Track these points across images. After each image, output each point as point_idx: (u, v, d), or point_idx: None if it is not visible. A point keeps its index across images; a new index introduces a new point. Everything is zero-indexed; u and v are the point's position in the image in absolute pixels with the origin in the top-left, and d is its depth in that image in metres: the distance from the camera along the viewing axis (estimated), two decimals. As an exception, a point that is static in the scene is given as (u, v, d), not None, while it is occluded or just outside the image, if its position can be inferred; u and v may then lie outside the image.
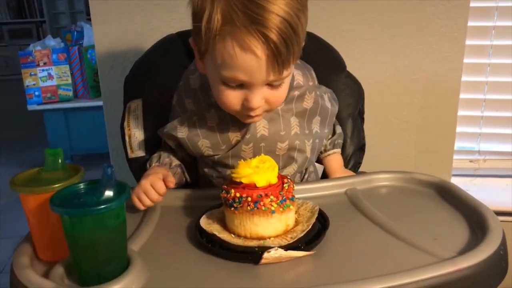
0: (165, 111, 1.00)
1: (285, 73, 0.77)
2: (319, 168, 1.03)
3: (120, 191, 0.65)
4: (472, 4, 1.41)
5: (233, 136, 0.90)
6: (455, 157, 1.54)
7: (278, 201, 0.71)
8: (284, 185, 0.74)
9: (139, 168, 1.03)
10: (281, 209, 0.72)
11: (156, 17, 1.33)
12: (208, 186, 0.98)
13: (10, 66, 6.50)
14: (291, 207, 0.74)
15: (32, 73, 3.10)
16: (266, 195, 0.71)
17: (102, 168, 0.65)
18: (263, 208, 0.71)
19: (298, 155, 0.94)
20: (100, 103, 3.07)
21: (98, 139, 3.05)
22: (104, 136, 1.54)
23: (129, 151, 1.04)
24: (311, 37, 0.93)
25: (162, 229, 0.82)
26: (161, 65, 1.10)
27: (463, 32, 1.39)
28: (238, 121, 0.88)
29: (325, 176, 1.04)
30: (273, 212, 0.71)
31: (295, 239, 0.71)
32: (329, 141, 1.05)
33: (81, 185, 0.68)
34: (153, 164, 0.97)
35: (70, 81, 3.16)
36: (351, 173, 1.04)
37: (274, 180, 0.73)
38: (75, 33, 3.23)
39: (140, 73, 1.10)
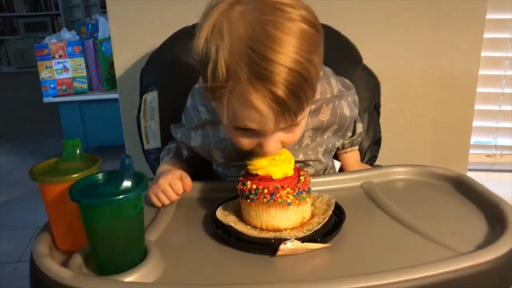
0: (180, 103, 1.01)
1: (299, 118, 0.71)
2: (337, 164, 1.03)
3: (138, 182, 0.65)
4: (490, -3, 1.39)
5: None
6: (471, 151, 1.52)
7: (295, 193, 0.71)
8: (301, 177, 0.74)
9: (155, 160, 1.03)
10: (297, 201, 0.72)
11: (171, 10, 1.33)
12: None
13: (26, 58, 6.56)
14: (307, 199, 0.74)
15: (48, 66, 3.12)
16: (283, 187, 0.71)
17: (116, 160, 0.66)
18: (279, 200, 0.71)
19: (314, 163, 0.94)
20: (114, 95, 3.11)
21: (112, 131, 3.08)
22: (118, 128, 1.55)
23: (145, 142, 1.04)
24: (326, 30, 0.92)
25: (179, 220, 0.82)
26: (177, 57, 1.10)
27: (481, 25, 1.37)
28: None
29: (342, 171, 1.03)
30: (289, 204, 0.71)
31: (312, 231, 0.71)
32: (349, 140, 1.04)
33: (99, 176, 0.68)
34: (167, 156, 0.97)
35: (85, 73, 3.17)
36: (367, 166, 1.04)
37: (290, 172, 0.73)
38: (90, 26, 3.24)
39: (156, 65, 1.10)
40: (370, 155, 1.11)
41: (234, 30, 0.65)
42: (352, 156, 1.04)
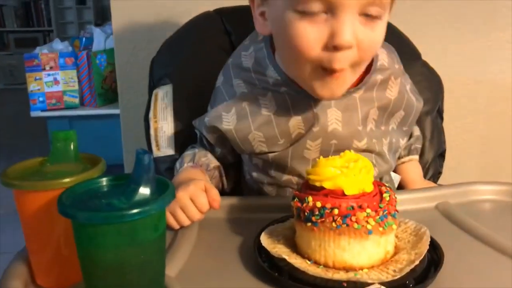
0: (200, 99, 0.82)
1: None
2: (395, 178, 0.82)
3: (161, 190, 0.44)
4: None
5: (295, 128, 0.70)
6: (522, 171, 1.34)
7: (378, 217, 0.51)
8: (384, 194, 0.53)
9: (166, 170, 0.83)
10: (381, 228, 0.51)
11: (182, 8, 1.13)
12: (256, 195, 0.78)
13: (15, 75, 6.35)
14: (394, 226, 0.53)
15: (37, 78, 2.94)
16: (361, 207, 0.50)
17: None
18: (355, 225, 0.50)
19: (376, 158, 0.74)
20: (107, 111, 2.93)
21: (104, 149, 2.87)
22: (111, 146, 1.35)
23: (154, 148, 0.84)
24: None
25: (204, 248, 0.61)
26: (196, 45, 0.91)
27: (540, 29, 1.20)
28: (301, 108, 0.69)
29: (401, 189, 0.83)
30: (369, 232, 0.50)
31: (402, 274, 0.49)
32: (404, 145, 0.84)
33: (104, 180, 0.47)
34: (186, 164, 0.76)
35: (77, 87, 3.00)
36: (433, 184, 0.84)
37: (369, 187, 0.53)
38: (84, 39, 3.07)
39: (171, 54, 0.90)
40: (434, 170, 0.91)
41: None
42: (413, 169, 0.84)
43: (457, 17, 1.20)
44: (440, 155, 0.94)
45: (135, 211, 0.40)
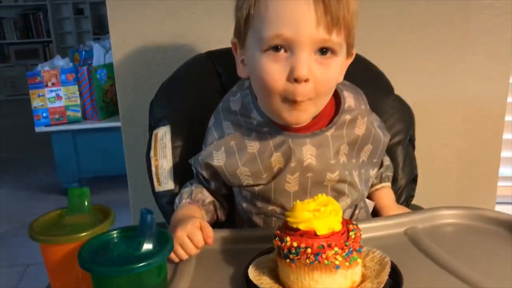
0: (195, 138, 0.91)
1: (334, 35, 0.70)
2: (370, 204, 0.92)
3: (162, 243, 0.54)
4: (518, 21, 1.31)
5: (276, 163, 0.81)
6: (499, 184, 1.43)
7: (344, 253, 0.60)
8: (350, 233, 0.63)
9: (167, 203, 0.92)
10: (347, 263, 0.60)
11: (181, 36, 1.23)
12: (246, 224, 0.88)
13: (16, 86, 6.43)
14: (359, 260, 0.62)
15: (40, 94, 3.02)
16: (329, 246, 0.60)
17: (112, 191, 0.57)
18: (325, 262, 0.60)
19: (349, 188, 0.83)
20: (109, 124, 3.02)
21: (107, 161, 2.99)
22: (114, 158, 1.43)
23: (156, 183, 0.93)
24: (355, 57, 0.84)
25: (201, 280, 0.70)
26: (190, 87, 1.00)
27: (509, 50, 1.29)
28: (281, 145, 0.79)
29: (376, 214, 0.93)
30: (337, 267, 0.60)
31: (365, 299, 0.59)
32: (376, 174, 0.93)
33: (114, 234, 0.57)
34: (184, 201, 0.86)
35: (78, 102, 3.07)
36: (406, 209, 0.93)
37: (338, 227, 0.62)
38: (83, 52, 3.16)
39: (167, 96, 1.00)
40: (406, 194, 1.01)
41: None
42: (385, 195, 0.94)
43: (431, 43, 1.28)
44: (412, 180, 1.03)
45: (141, 264, 0.50)
